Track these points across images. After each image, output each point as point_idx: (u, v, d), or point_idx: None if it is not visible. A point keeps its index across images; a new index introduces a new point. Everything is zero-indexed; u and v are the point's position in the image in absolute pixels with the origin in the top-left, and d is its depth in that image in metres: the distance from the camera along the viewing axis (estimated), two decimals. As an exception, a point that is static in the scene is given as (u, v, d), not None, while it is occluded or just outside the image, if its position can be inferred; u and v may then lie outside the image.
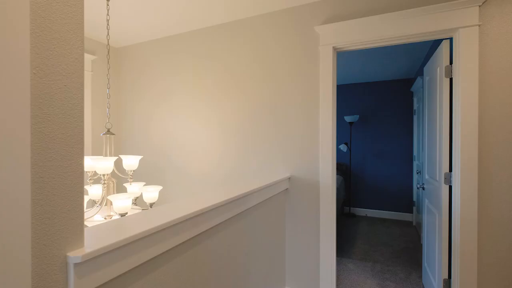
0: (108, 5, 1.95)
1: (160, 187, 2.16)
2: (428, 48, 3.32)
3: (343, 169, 4.94)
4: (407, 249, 3.29)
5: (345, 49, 2.07)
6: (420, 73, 3.91)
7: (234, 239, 1.45)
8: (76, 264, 0.64)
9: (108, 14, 1.92)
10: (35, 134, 0.58)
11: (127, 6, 2.26)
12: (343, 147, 4.76)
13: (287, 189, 2.22)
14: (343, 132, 5.08)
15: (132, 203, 2.10)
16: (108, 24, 1.94)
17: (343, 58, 3.66)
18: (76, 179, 0.66)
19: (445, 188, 1.88)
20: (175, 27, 2.62)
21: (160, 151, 2.84)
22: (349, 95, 5.00)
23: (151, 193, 2.18)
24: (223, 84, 2.50)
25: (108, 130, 2.00)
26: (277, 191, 1.98)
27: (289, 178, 2.20)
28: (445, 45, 1.89)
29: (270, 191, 1.87)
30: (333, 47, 2.05)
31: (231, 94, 2.46)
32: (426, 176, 2.45)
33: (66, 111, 0.64)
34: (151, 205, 2.25)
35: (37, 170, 0.58)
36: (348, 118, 4.68)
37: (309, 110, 2.14)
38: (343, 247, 3.35)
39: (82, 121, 0.68)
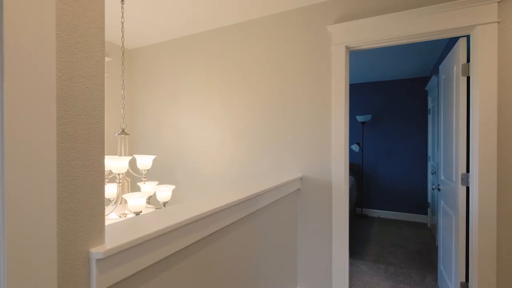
0: (122, 8, 2.00)
1: (173, 186, 2.20)
2: (443, 46, 3.25)
3: (355, 169, 4.88)
4: (422, 251, 3.22)
5: (358, 48, 2.05)
6: (435, 71, 3.82)
7: (246, 238, 1.46)
8: (98, 260, 0.66)
9: (122, 17, 1.96)
10: (60, 135, 0.60)
11: (139, 8, 2.30)
12: (355, 147, 4.71)
13: (299, 189, 2.21)
14: (355, 132, 5.02)
15: (146, 202, 2.14)
16: (123, 27, 1.98)
17: (355, 57, 3.61)
18: (97, 178, 0.69)
19: (462, 189, 1.84)
20: (188, 28, 2.65)
21: (172, 151, 2.88)
22: (361, 95, 4.94)
23: (164, 192, 2.21)
24: (235, 84, 2.52)
25: (123, 131, 2.04)
26: (289, 191, 1.98)
27: (301, 178, 2.20)
28: (462, 43, 1.84)
29: (282, 191, 1.87)
30: (345, 46, 2.03)
31: (243, 94, 2.48)
32: (442, 177, 2.39)
33: (88, 112, 0.67)
34: (164, 204, 2.29)
35: (62, 169, 0.61)
36: (360, 118, 4.62)
37: (321, 110, 2.13)
38: (356, 248, 3.32)
39: (103, 122, 0.70)
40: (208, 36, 2.65)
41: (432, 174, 3.92)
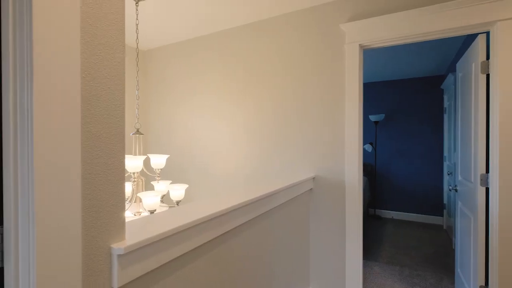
0: (137, 10, 2.04)
1: (186, 186, 2.22)
2: (460, 43, 3.16)
3: (368, 169, 4.81)
4: (437, 254, 3.14)
5: (372, 46, 2.02)
6: (451, 69, 3.72)
7: (259, 238, 1.46)
8: (119, 256, 0.68)
9: (137, 19, 2.00)
10: (84, 134, 0.62)
11: (152, 10, 2.34)
12: (368, 147, 4.64)
13: (311, 189, 2.20)
14: (368, 131, 4.95)
15: (160, 200, 2.17)
16: (137, 29, 2.02)
17: (368, 55, 3.56)
18: (118, 176, 0.70)
19: (481, 190, 1.78)
20: (200, 29, 2.68)
21: (184, 150, 2.91)
22: (374, 94, 4.86)
23: (177, 191, 2.24)
24: (247, 83, 2.52)
25: (137, 130, 2.08)
26: (301, 191, 1.97)
27: (314, 178, 2.19)
28: (481, 40, 1.79)
29: (295, 191, 1.87)
30: (359, 44, 2.01)
31: (255, 93, 2.48)
32: (459, 178, 2.33)
33: (110, 111, 0.68)
34: (178, 202, 2.32)
35: (86, 167, 0.63)
36: (373, 117, 4.55)
37: (334, 109, 2.11)
38: (369, 249, 3.27)
39: (124, 121, 0.72)
40: (220, 37, 2.67)
41: (448, 174, 3.82)
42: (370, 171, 4.82)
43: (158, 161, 2.33)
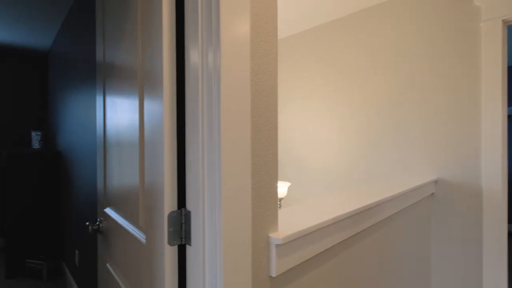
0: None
1: (288, 183, 2.23)
2: None
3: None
4: None
5: (522, 19, 1.62)
6: None
7: (383, 242, 1.34)
8: (277, 245, 0.70)
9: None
10: (252, 127, 0.66)
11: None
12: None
13: (433, 193, 1.91)
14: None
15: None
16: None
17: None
18: (274, 168, 0.72)
19: None
20: (299, 25, 2.68)
21: (285, 149, 2.95)
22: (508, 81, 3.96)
23: (280, 188, 2.27)
24: (361, 68, 2.38)
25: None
26: (422, 196, 1.73)
27: (436, 181, 1.89)
28: None
29: (417, 195, 1.65)
30: (502, 20, 1.64)
31: (372, 77, 2.32)
32: None
33: (267, 105, 0.71)
34: (280, 200, 2.34)
35: (254, 158, 0.66)
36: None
37: (462, 101, 1.78)
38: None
39: (276, 114, 0.74)
40: (318, 31, 2.60)
41: None
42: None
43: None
